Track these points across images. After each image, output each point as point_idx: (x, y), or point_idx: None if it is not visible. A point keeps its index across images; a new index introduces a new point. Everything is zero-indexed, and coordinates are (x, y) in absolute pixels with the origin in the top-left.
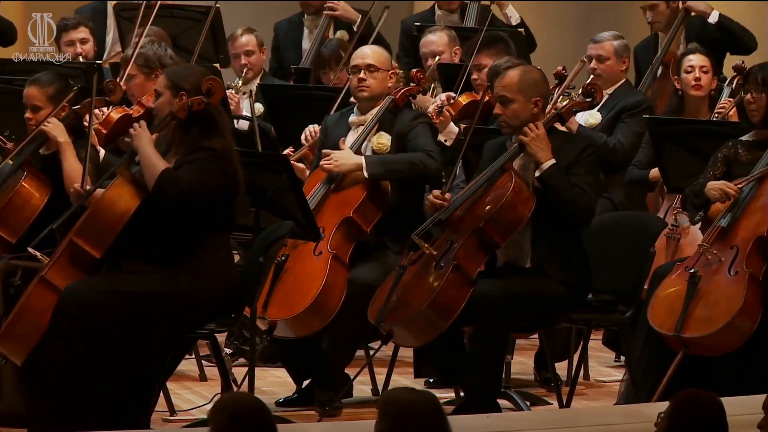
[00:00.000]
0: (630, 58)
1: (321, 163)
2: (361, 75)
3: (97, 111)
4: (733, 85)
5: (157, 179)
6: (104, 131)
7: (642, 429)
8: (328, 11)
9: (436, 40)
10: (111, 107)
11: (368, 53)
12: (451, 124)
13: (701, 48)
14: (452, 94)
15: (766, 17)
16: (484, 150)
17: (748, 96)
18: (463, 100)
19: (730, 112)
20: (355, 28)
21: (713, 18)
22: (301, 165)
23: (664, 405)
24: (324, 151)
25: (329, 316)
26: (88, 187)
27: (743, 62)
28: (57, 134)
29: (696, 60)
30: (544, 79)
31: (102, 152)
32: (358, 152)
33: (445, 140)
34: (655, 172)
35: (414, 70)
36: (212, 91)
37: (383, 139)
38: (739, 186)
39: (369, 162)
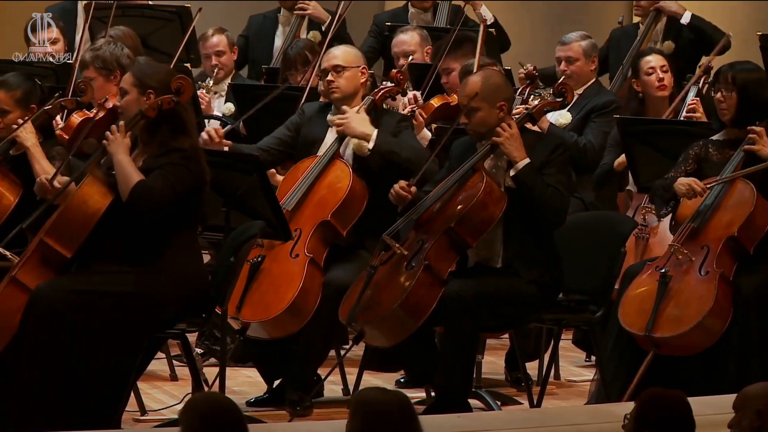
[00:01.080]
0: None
1: (330, 117)
2: (329, 77)
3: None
4: (700, 84)
5: (131, 191)
6: (66, 136)
7: (612, 429)
8: (298, 11)
9: (407, 39)
10: (71, 111)
11: (335, 54)
12: (425, 130)
13: (657, 48)
14: (418, 94)
15: (739, 17)
16: (452, 149)
17: (719, 95)
18: (435, 102)
19: (698, 114)
20: (323, 29)
21: (685, 19)
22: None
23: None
24: (343, 107)
25: (305, 319)
26: (56, 184)
27: (710, 61)
28: (24, 139)
29: (655, 61)
30: (506, 81)
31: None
32: (335, 153)
33: None
34: (619, 159)
35: (394, 70)
36: (182, 90)
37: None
38: (709, 186)
39: (378, 134)
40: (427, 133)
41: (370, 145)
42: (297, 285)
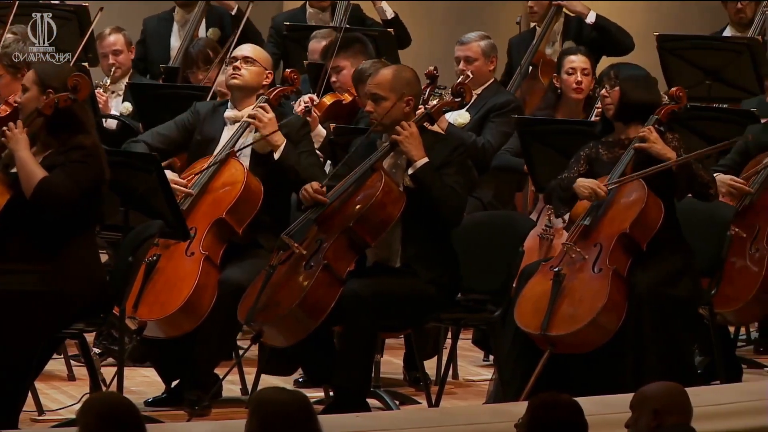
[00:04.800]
0: (498, 58)
1: (253, 111)
2: (237, 64)
3: None
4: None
5: (36, 188)
6: None
7: (510, 428)
8: None
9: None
10: None
11: (248, 48)
12: (319, 126)
13: (583, 48)
14: (314, 96)
15: (638, 18)
16: (352, 146)
17: (603, 91)
18: (327, 100)
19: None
20: (234, 23)
21: (590, 18)
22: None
23: None
24: (261, 104)
25: (200, 317)
26: None
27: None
28: None
29: (578, 62)
30: (416, 78)
31: None
32: (230, 152)
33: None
34: None
35: (288, 70)
36: (78, 88)
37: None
38: (609, 187)
39: (286, 146)
40: (321, 131)
41: (277, 155)
42: (192, 283)
